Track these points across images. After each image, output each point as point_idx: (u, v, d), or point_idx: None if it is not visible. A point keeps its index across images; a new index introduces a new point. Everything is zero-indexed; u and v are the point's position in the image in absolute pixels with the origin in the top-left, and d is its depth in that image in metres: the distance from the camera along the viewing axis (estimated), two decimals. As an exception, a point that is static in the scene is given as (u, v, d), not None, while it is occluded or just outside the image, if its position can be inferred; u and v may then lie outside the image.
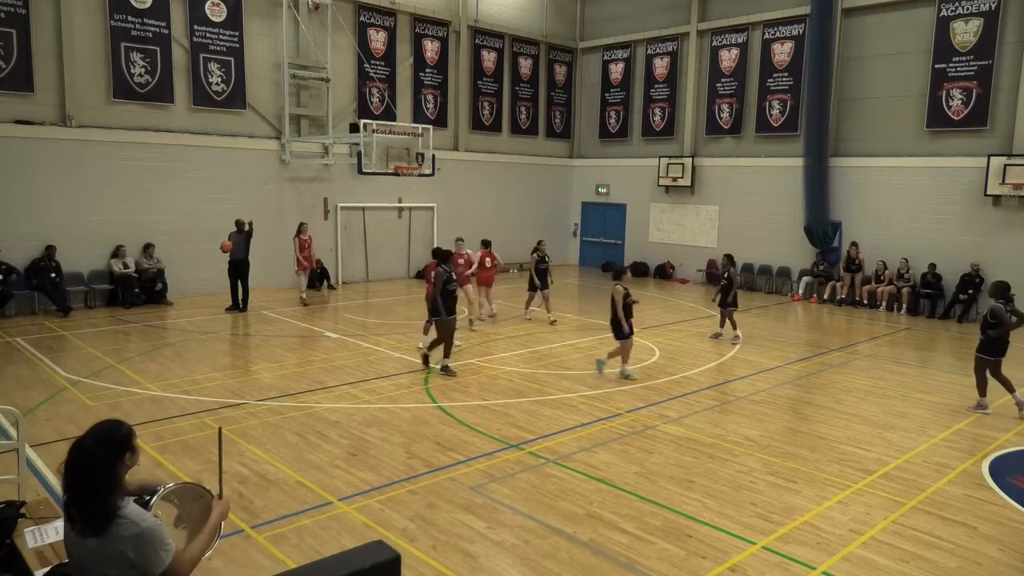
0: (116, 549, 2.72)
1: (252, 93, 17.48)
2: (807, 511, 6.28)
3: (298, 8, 17.95)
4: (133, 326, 13.53)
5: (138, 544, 2.72)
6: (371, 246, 20.10)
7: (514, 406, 9.11)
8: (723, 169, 21.20)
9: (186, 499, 3.32)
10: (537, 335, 13.51)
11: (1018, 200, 15.84)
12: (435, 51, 21.21)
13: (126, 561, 2.72)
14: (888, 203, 17.83)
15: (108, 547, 2.73)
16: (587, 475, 6.97)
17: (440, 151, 19.36)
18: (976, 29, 16.41)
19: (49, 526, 4.14)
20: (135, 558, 2.72)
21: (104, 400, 8.97)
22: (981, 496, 6.71)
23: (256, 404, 8.98)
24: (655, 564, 5.34)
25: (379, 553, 3.25)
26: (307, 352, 11.78)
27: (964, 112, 16.68)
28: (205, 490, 3.36)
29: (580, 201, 25.32)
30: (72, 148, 14.82)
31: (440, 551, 5.46)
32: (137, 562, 2.73)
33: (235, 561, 5.20)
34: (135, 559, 2.72)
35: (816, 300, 18.60)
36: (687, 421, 8.66)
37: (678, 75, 22.23)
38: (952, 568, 5.39)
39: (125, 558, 2.72)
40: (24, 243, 14.25)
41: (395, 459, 7.28)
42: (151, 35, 15.69)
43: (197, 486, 3.41)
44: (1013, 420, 9.03)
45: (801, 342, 13.87)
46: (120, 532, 2.72)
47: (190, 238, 16.47)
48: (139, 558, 2.73)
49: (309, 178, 18.74)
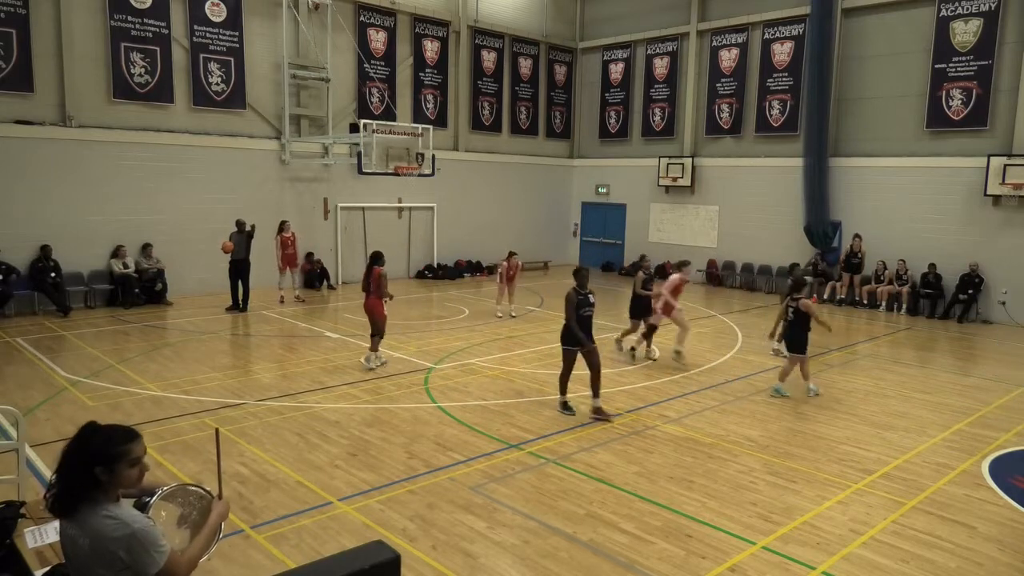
0: (108, 549, 2.73)
1: (252, 93, 17.48)
2: (807, 511, 6.28)
3: (298, 8, 17.95)
4: (133, 326, 13.52)
5: (130, 545, 2.73)
6: (371, 246, 20.04)
7: (514, 406, 9.11)
8: (723, 169, 21.20)
9: (188, 500, 3.32)
10: (536, 335, 13.50)
11: (1018, 200, 15.84)
12: (435, 51, 21.21)
13: (119, 562, 2.73)
14: (888, 203, 17.83)
15: (100, 546, 2.74)
16: (587, 475, 6.97)
17: (440, 151, 19.36)
18: (976, 29, 16.41)
19: (49, 526, 4.14)
20: (127, 559, 2.73)
21: (104, 400, 8.97)
22: (981, 496, 6.71)
23: (256, 404, 8.98)
24: (655, 564, 5.34)
25: (379, 553, 3.25)
26: (307, 352, 11.78)
27: (964, 112, 16.68)
28: (205, 491, 3.36)
29: (580, 201, 25.32)
30: (72, 148, 14.82)
31: (440, 551, 5.46)
32: (129, 563, 2.73)
33: (235, 561, 5.20)
34: (127, 560, 2.73)
35: (816, 300, 18.58)
36: (687, 421, 8.66)
37: (678, 75, 22.23)
38: (952, 568, 5.39)
39: (117, 559, 2.73)
40: (24, 243, 14.26)
41: (395, 459, 7.28)
42: (151, 35, 15.69)
43: (197, 487, 3.40)
44: (1013, 420, 9.03)
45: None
46: (111, 532, 2.73)
47: (190, 238, 16.47)
48: (131, 559, 2.73)
49: (309, 178, 18.74)
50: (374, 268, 10.66)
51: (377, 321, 10.68)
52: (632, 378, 10.62)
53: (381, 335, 10.78)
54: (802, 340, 9.76)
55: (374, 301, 10.64)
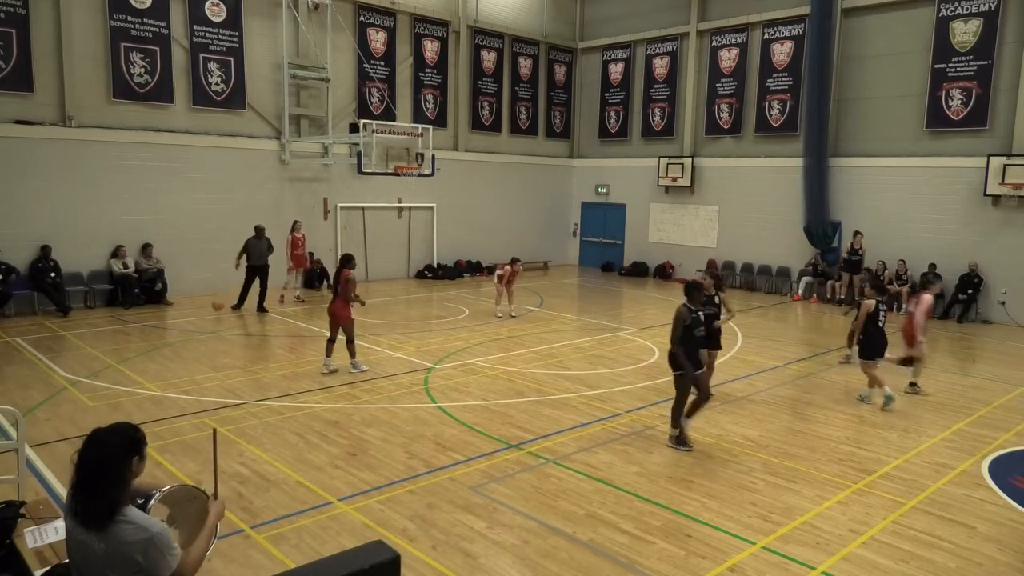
0: (124, 553, 2.74)
1: (252, 93, 17.48)
2: (807, 511, 6.28)
3: (298, 8, 17.94)
4: (133, 326, 13.52)
5: (147, 549, 2.74)
6: (371, 246, 20.10)
7: (514, 406, 9.11)
8: (723, 169, 21.20)
9: (179, 500, 3.33)
10: (536, 335, 13.51)
11: (1017, 200, 15.84)
12: (435, 51, 21.21)
13: (134, 565, 2.74)
14: (888, 203, 17.83)
15: (116, 551, 2.74)
16: (587, 475, 6.97)
17: (440, 151, 19.35)
18: (976, 29, 16.41)
19: (49, 526, 4.14)
20: (143, 562, 2.74)
21: (104, 400, 8.97)
22: (981, 496, 6.71)
23: (256, 404, 8.98)
24: (655, 564, 5.34)
25: (379, 553, 3.25)
26: (307, 352, 11.78)
27: (964, 112, 16.68)
28: (200, 491, 3.36)
29: (580, 201, 25.32)
30: (72, 148, 14.81)
31: (440, 551, 5.46)
32: (145, 567, 2.75)
33: (234, 561, 5.20)
34: (143, 563, 2.74)
35: (816, 300, 18.60)
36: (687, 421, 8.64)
37: (678, 75, 22.23)
38: (952, 568, 5.39)
39: (133, 562, 2.74)
40: (24, 243, 14.26)
41: (395, 459, 7.28)
42: (151, 35, 15.68)
43: (191, 487, 3.42)
44: (1013, 420, 9.03)
45: (801, 342, 13.88)
46: (129, 536, 2.74)
47: (190, 238, 16.47)
48: (147, 563, 2.75)
49: (309, 178, 18.74)
50: (343, 271, 10.34)
51: (345, 327, 10.28)
52: (631, 378, 10.62)
53: (352, 339, 10.42)
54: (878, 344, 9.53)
55: (339, 305, 10.24)
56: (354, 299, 10.36)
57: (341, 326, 10.32)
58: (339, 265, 10.59)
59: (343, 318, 10.26)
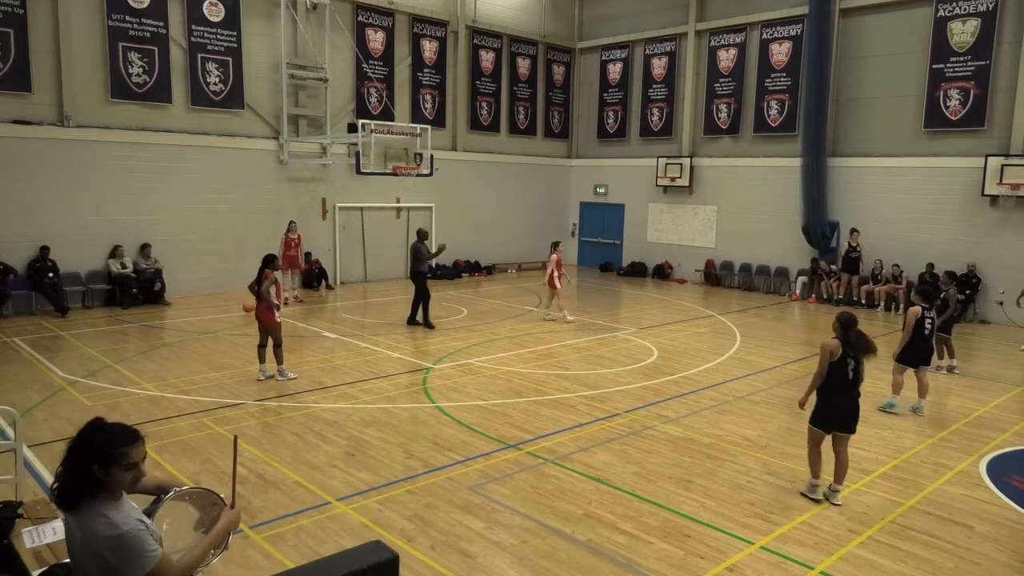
0: (94, 547, 2.74)
1: (250, 93, 17.46)
2: (805, 511, 6.28)
3: (296, 8, 17.93)
4: (131, 326, 13.51)
5: (114, 547, 2.72)
6: (369, 246, 20.09)
7: (512, 406, 9.11)
8: (721, 169, 21.21)
9: (203, 504, 3.29)
10: (536, 335, 13.51)
11: (1015, 200, 15.87)
12: (433, 51, 21.20)
13: (103, 560, 2.72)
14: (886, 203, 17.85)
15: (89, 542, 2.76)
16: (585, 475, 6.97)
17: (438, 151, 19.36)
18: (974, 29, 16.43)
19: (47, 526, 4.14)
20: (112, 560, 2.71)
21: (102, 400, 8.95)
22: (979, 496, 6.72)
23: (254, 404, 8.97)
24: (653, 564, 5.34)
25: (377, 553, 3.24)
26: (305, 352, 11.77)
27: (962, 112, 16.70)
28: (219, 498, 3.31)
29: (578, 201, 25.32)
30: (70, 148, 14.79)
31: (438, 551, 5.46)
32: (114, 564, 2.72)
33: (233, 561, 5.19)
34: (112, 561, 2.71)
35: (814, 300, 18.61)
36: (685, 421, 8.66)
37: (676, 75, 22.24)
38: (950, 568, 5.39)
39: (102, 557, 2.72)
40: (21, 243, 14.24)
41: (393, 459, 7.27)
42: (149, 35, 15.67)
43: (213, 493, 3.35)
44: (1011, 420, 9.04)
45: (799, 342, 13.89)
46: (100, 531, 2.73)
47: (188, 238, 16.45)
48: (116, 560, 2.72)
49: (307, 178, 18.73)
50: (264, 271, 9.70)
51: (272, 331, 9.79)
52: (630, 378, 10.62)
53: (279, 344, 9.91)
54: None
55: (263, 308, 9.72)
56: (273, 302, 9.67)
57: (268, 331, 9.84)
58: (261, 265, 9.83)
59: (268, 322, 9.76)
